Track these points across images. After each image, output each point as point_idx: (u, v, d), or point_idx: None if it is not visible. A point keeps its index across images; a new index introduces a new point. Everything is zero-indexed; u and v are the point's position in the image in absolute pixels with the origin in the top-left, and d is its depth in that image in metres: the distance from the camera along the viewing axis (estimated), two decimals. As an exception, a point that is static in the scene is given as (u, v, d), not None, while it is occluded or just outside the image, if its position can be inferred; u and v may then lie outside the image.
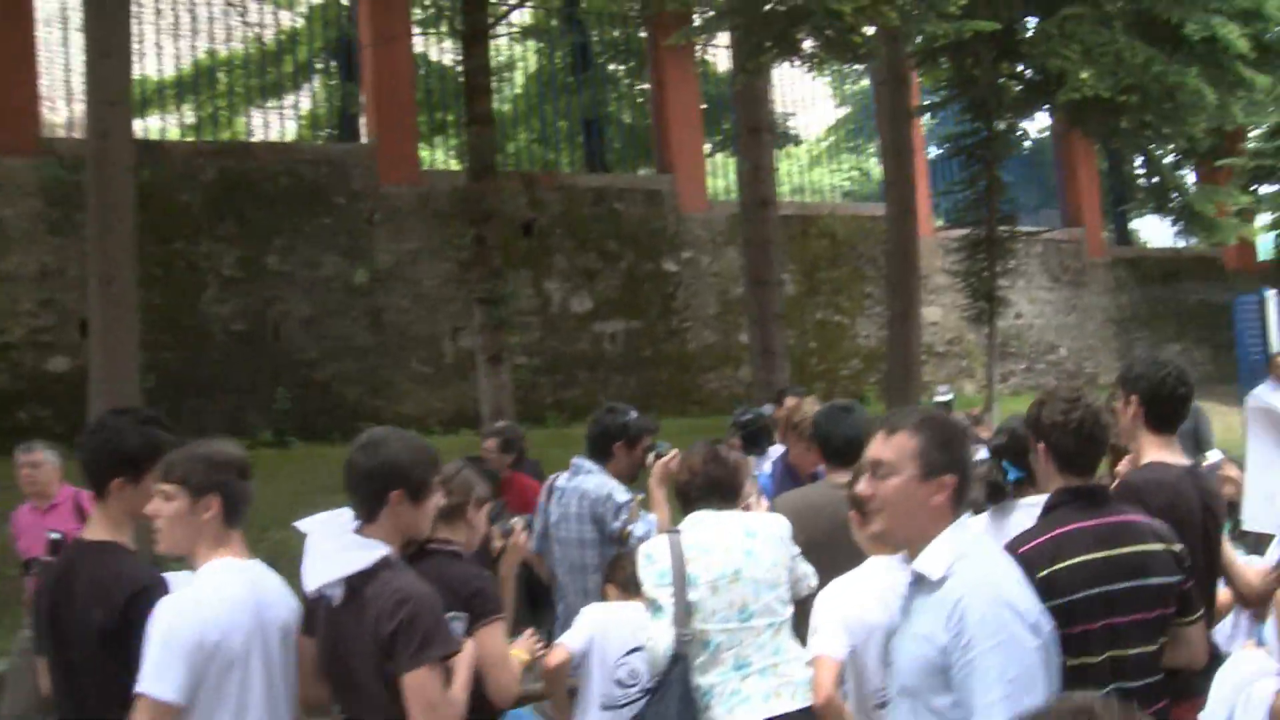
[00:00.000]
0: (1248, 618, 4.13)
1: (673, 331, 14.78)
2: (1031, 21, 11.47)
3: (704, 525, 3.76)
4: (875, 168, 23.48)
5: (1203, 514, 3.42)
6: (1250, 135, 18.74)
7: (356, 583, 2.89)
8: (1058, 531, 2.98)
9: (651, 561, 3.72)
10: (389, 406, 12.73)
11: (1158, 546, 2.99)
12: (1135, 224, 22.78)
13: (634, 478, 5.17)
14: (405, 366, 12.92)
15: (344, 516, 3.05)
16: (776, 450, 6.50)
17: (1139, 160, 18.01)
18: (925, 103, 13.78)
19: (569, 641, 4.12)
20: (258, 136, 14.08)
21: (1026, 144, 18.44)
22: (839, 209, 16.99)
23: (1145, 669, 2.93)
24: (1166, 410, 3.59)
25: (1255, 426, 4.02)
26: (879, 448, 2.64)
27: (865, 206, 17.45)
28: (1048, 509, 3.13)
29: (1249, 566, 3.84)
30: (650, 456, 5.01)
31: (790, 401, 7.21)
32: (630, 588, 4.08)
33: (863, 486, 2.71)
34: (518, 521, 4.23)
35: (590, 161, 16.38)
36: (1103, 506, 3.06)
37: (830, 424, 4.28)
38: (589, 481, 5.07)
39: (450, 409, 13.00)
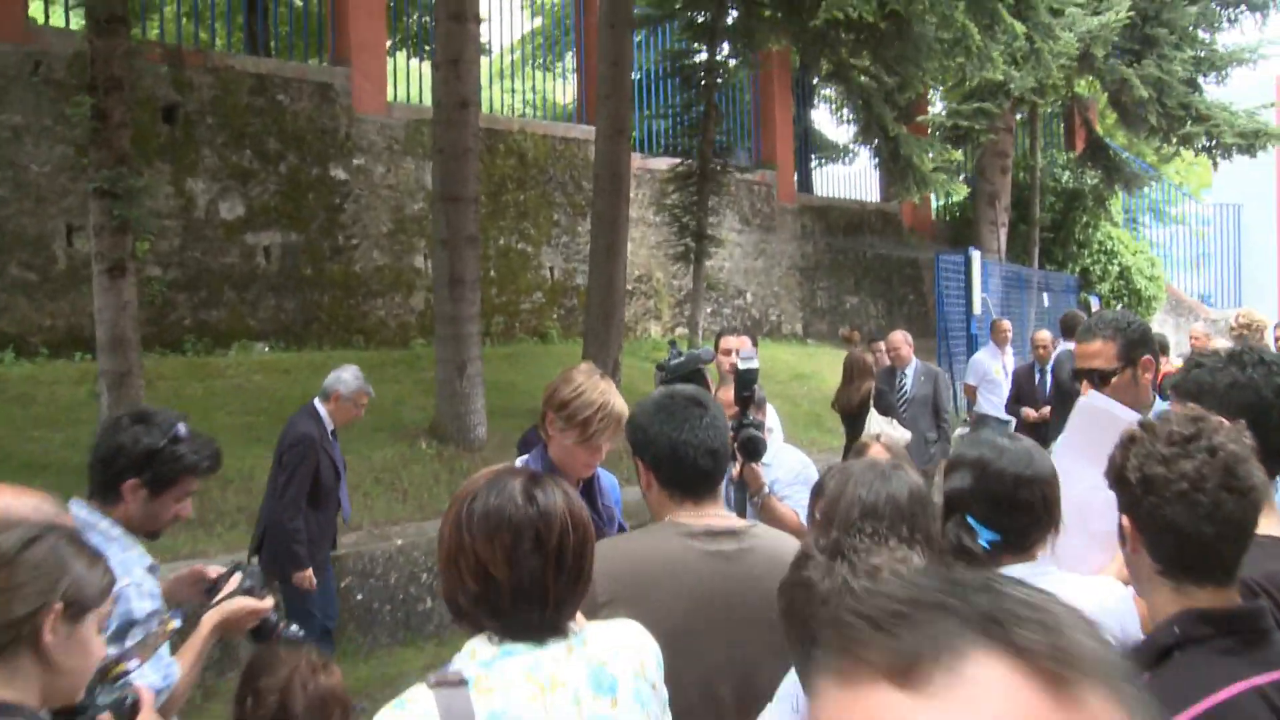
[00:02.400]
0: None
1: (338, 249, 12.84)
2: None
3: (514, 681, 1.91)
4: (557, 90, 22.16)
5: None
6: (943, 94, 18.78)
7: None
8: (1218, 699, 1.61)
9: None
10: (-20, 320, 10.18)
11: None
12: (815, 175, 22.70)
13: (156, 534, 3.11)
14: (3, 272, 10.35)
15: None
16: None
17: (844, 104, 17.51)
18: (647, 14, 12.46)
19: None
20: None
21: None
22: (530, 126, 15.45)
23: None
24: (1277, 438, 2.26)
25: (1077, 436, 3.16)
26: None
27: (558, 126, 16.04)
28: (1174, 644, 1.75)
29: None
30: (231, 587, 3.10)
31: (735, 342, 5.41)
32: None
33: None
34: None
35: (251, 44, 14.03)
36: (1269, 642, 1.72)
37: (676, 429, 2.55)
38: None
39: (62, 327, 10.58)
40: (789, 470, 4.47)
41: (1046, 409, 9.60)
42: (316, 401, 6.67)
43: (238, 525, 7.63)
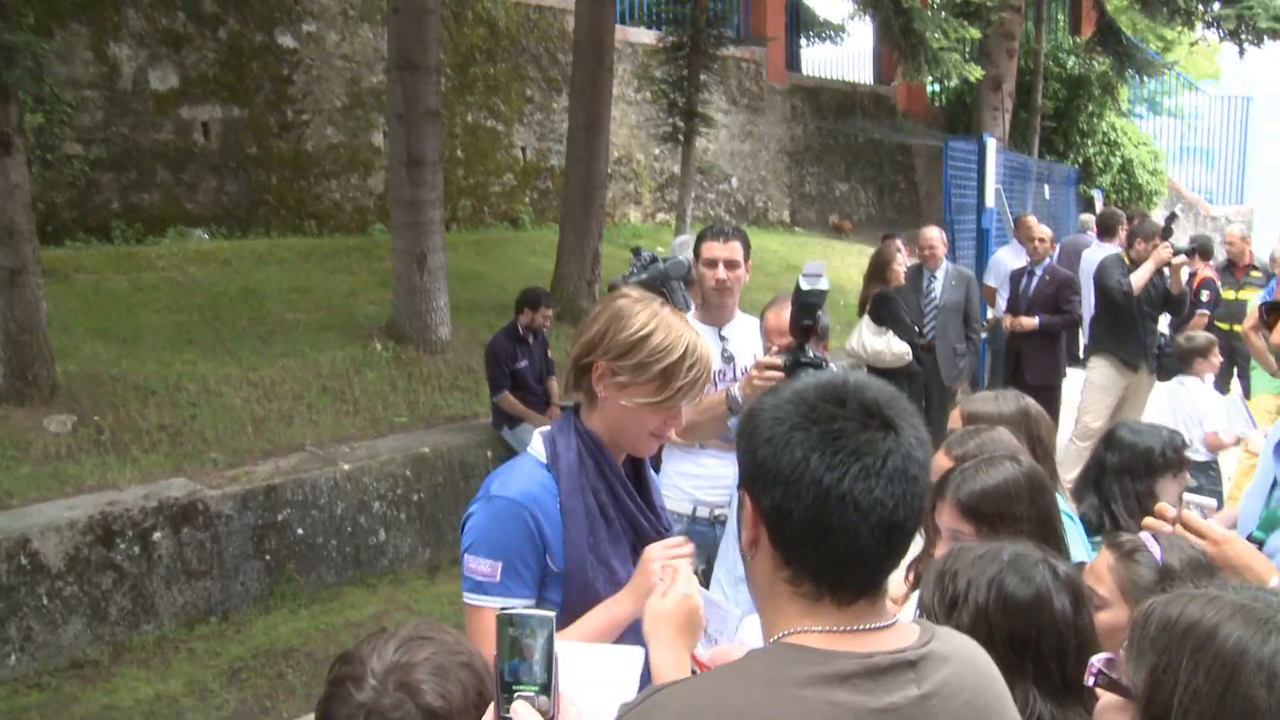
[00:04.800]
0: None
1: (287, 125, 11.56)
2: None
3: None
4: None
5: None
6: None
7: None
8: None
9: None
10: None
11: None
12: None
13: None
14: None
15: None
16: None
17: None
18: None
19: None
20: None
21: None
22: (500, -9, 14.08)
23: None
24: None
25: None
26: None
27: (532, -8, 14.69)
28: None
29: None
30: None
31: (723, 250, 4.02)
32: None
33: None
34: None
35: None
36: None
37: (834, 467, 1.37)
38: None
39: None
40: None
41: (1030, 320, 8.41)
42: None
43: (158, 447, 6.55)
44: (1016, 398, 3.25)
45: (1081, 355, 9.36)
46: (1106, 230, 8.86)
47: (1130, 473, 3.65)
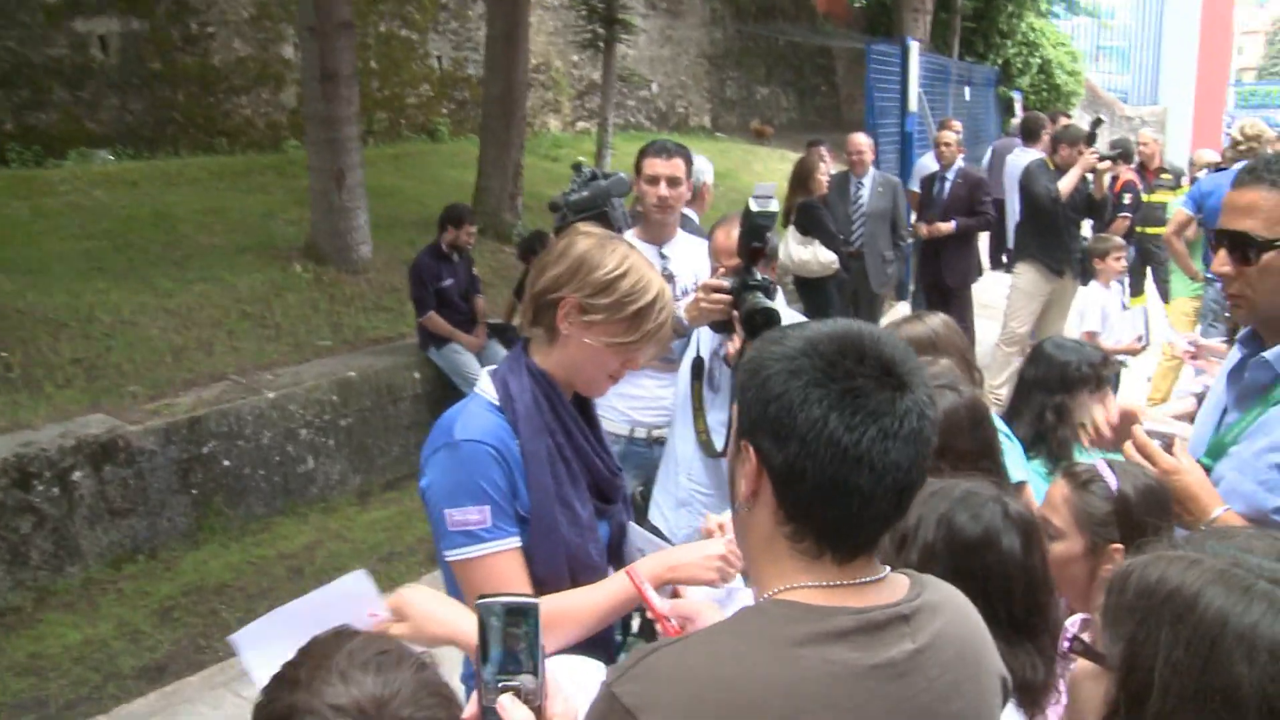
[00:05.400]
0: None
1: (191, 38, 11.10)
2: None
3: None
4: None
5: None
6: None
7: None
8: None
9: None
10: None
11: None
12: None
13: None
14: None
15: None
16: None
17: None
18: None
19: None
20: None
21: None
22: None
23: None
24: None
25: None
26: None
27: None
28: None
29: None
30: None
31: (665, 167, 4.13)
32: None
33: None
34: None
35: None
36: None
37: (851, 424, 1.31)
38: None
39: None
40: None
41: (946, 224, 8.51)
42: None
43: (73, 382, 6.32)
44: (936, 314, 3.37)
45: (1005, 260, 9.45)
46: (1030, 135, 8.89)
47: (1046, 386, 3.73)
